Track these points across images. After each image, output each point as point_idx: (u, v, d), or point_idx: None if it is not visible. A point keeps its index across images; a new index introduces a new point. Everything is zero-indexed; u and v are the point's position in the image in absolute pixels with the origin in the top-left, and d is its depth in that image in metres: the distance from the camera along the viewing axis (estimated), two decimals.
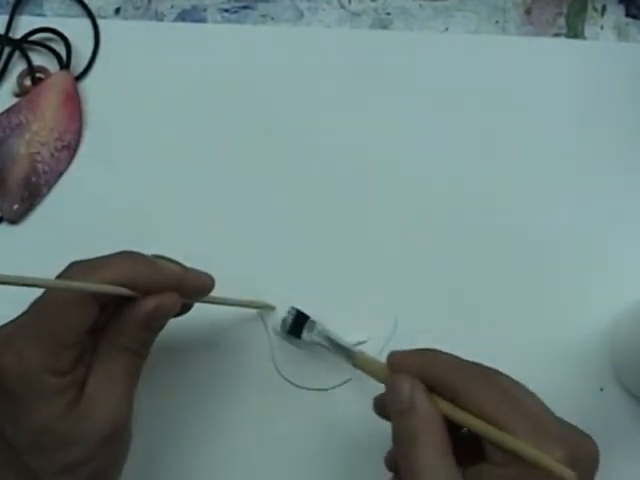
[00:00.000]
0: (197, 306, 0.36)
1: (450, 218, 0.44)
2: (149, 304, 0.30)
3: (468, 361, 0.31)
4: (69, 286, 0.29)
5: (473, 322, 0.42)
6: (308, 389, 0.40)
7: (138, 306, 0.30)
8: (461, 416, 0.29)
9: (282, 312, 0.41)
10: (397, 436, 0.30)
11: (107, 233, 0.43)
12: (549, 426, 0.29)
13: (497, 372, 0.31)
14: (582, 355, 0.41)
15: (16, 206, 0.44)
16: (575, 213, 0.44)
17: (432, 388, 0.30)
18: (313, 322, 0.40)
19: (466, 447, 0.30)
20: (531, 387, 0.31)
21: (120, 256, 0.31)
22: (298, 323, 0.40)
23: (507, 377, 0.31)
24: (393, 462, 0.33)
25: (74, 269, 0.30)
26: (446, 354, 0.32)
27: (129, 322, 0.31)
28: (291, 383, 0.40)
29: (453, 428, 0.30)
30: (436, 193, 0.44)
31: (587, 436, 0.30)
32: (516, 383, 0.31)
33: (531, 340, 0.41)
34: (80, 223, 0.44)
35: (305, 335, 0.40)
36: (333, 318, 0.41)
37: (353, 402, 0.40)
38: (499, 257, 0.43)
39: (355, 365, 0.36)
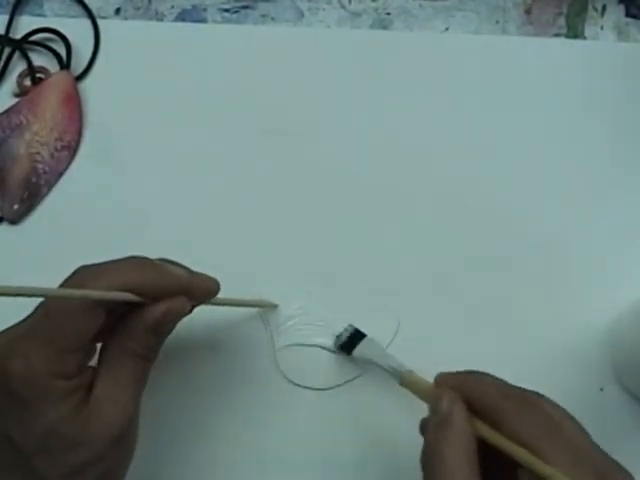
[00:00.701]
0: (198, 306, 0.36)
1: (450, 219, 0.44)
2: (158, 309, 0.30)
3: (511, 385, 0.31)
4: (76, 294, 0.29)
5: (474, 322, 0.42)
6: (310, 389, 0.40)
7: (147, 311, 0.30)
8: (499, 440, 0.29)
9: (284, 310, 0.41)
10: (427, 451, 0.30)
11: (107, 233, 0.43)
12: (587, 455, 0.28)
13: (539, 395, 0.31)
14: (582, 355, 0.41)
15: (16, 206, 0.44)
16: (575, 213, 0.44)
17: (475, 411, 0.30)
18: (370, 340, 0.40)
19: (497, 472, 0.30)
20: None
21: (128, 261, 0.31)
22: (353, 340, 0.40)
23: (549, 401, 0.31)
24: None
25: (82, 274, 0.30)
26: (491, 377, 0.32)
27: (138, 327, 0.30)
28: (292, 383, 0.40)
29: (487, 452, 0.29)
30: (437, 193, 0.44)
31: (624, 469, 0.30)
32: (557, 407, 0.30)
33: (531, 340, 0.41)
34: (80, 223, 0.44)
35: (357, 352, 0.40)
36: (335, 318, 0.41)
37: (355, 402, 0.40)
38: (499, 258, 0.43)
39: (402, 384, 0.36)
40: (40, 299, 0.30)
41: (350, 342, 0.40)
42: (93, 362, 0.31)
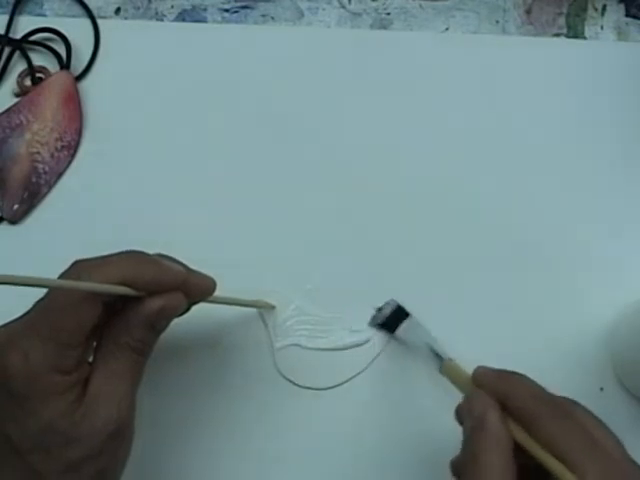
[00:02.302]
0: (198, 305, 0.36)
1: (451, 217, 0.44)
2: (155, 304, 0.30)
3: (549, 392, 0.31)
4: (74, 286, 0.29)
5: (473, 322, 0.42)
6: (308, 388, 0.40)
7: (144, 306, 0.30)
8: (532, 446, 0.29)
9: (282, 311, 0.41)
10: (464, 450, 0.30)
11: (107, 233, 0.43)
12: (619, 468, 0.28)
13: (575, 403, 0.31)
14: (582, 355, 0.41)
15: (16, 206, 0.44)
16: (575, 213, 0.44)
17: (511, 412, 0.30)
18: (414, 321, 0.40)
19: (533, 476, 0.29)
20: None
21: (125, 255, 0.31)
22: (395, 317, 0.40)
23: (585, 410, 0.30)
24: (457, 469, 0.32)
25: (78, 267, 0.30)
26: (530, 381, 0.31)
27: (134, 321, 0.30)
28: (291, 382, 0.40)
29: (525, 457, 0.29)
30: (437, 192, 0.44)
31: None
32: (593, 417, 0.30)
33: (531, 340, 0.41)
34: (80, 223, 0.44)
35: (400, 332, 0.39)
36: (333, 318, 0.41)
37: (353, 401, 0.40)
38: (499, 257, 0.43)
39: (441, 372, 0.36)
40: (38, 296, 0.30)
41: (391, 319, 0.40)
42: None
